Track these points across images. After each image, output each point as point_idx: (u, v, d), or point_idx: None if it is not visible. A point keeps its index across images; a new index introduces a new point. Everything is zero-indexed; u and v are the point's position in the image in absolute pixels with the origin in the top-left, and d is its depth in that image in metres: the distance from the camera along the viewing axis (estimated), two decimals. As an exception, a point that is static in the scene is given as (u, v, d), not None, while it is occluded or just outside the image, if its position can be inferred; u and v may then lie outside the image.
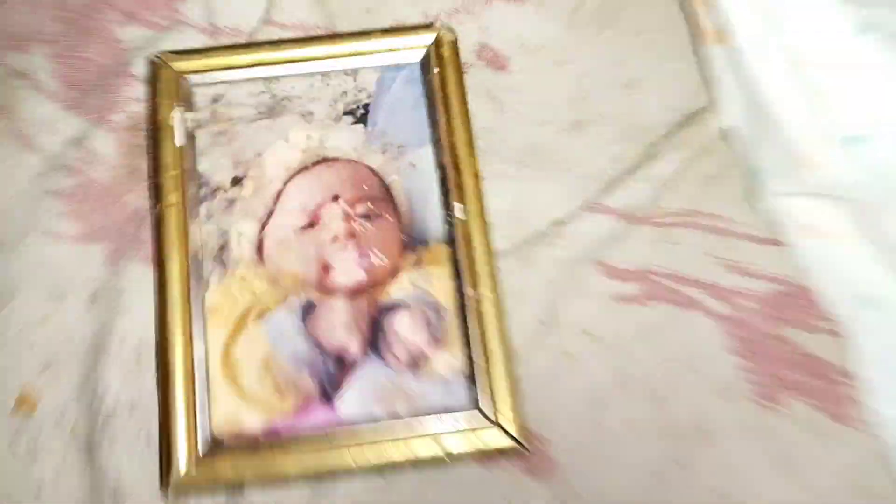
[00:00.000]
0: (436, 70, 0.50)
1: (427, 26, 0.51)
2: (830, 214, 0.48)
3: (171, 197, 0.48)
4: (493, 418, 0.44)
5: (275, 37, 0.53)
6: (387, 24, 0.53)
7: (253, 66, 0.51)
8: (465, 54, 0.53)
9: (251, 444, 0.45)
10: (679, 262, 0.50)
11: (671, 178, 0.51)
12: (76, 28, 0.54)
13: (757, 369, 0.47)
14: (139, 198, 0.50)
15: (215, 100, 0.51)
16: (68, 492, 0.45)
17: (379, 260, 0.48)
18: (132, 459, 0.46)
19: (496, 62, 0.54)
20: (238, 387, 0.46)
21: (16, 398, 0.47)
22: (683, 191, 0.52)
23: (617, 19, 0.55)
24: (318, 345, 0.47)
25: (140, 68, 0.53)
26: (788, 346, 0.48)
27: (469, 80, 0.52)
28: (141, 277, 0.48)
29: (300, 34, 0.53)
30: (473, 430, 0.44)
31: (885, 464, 0.45)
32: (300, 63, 0.51)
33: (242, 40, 0.53)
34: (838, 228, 0.48)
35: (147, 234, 0.49)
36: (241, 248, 0.49)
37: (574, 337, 0.48)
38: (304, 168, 0.50)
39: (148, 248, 0.49)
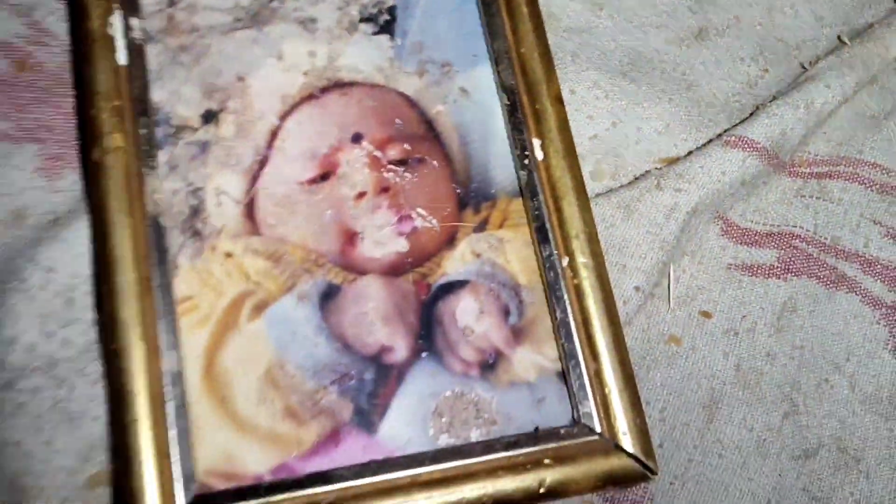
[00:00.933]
0: (491, -45, 0.36)
1: None
2: None
3: (114, 138, 0.32)
4: (605, 434, 0.31)
5: None
6: None
7: (226, -49, 0.36)
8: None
9: (255, 494, 0.30)
10: (830, 225, 0.39)
11: (826, 114, 0.39)
12: None
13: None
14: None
15: (172, 2, 0.36)
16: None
17: (426, 222, 0.34)
18: (42, 440, 0.32)
19: (597, -59, 0.41)
20: (230, 412, 0.32)
21: None
22: (841, 132, 0.40)
23: None
24: (346, 346, 0.33)
25: None
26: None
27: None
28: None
29: None
30: (583, 453, 0.31)
31: None
32: (294, -52, 0.36)
33: None
34: None
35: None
36: (224, 211, 0.34)
37: (684, 316, 0.37)
38: (308, 97, 0.36)
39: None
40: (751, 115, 0.38)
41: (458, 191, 0.35)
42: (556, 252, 0.33)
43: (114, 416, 0.30)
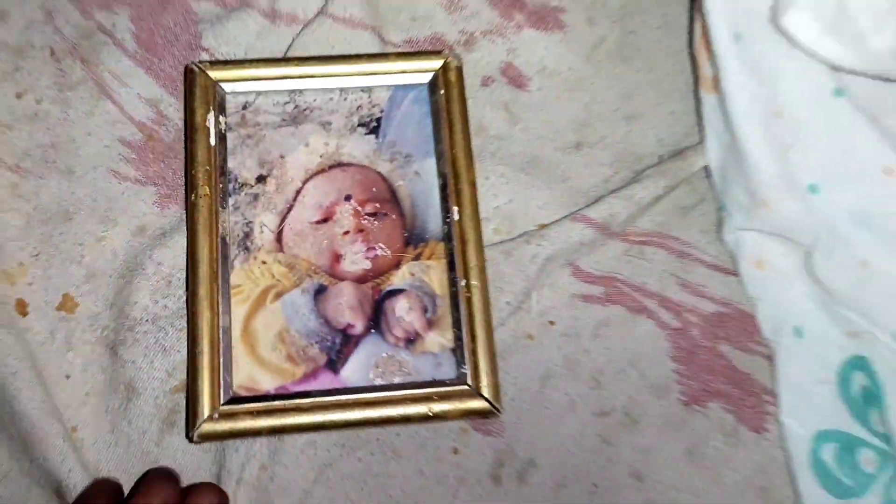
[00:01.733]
0: (442, 92, 0.55)
1: (437, 52, 0.57)
2: (779, 252, 0.51)
3: (204, 189, 0.53)
4: (473, 387, 0.50)
5: (324, 27, 0.57)
6: (428, 33, 0.59)
7: (280, 78, 0.56)
8: (491, 70, 0.58)
9: (265, 399, 0.49)
10: (642, 274, 0.53)
11: (650, 203, 0.54)
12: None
13: (689, 374, 0.51)
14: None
15: (245, 107, 0.57)
16: (92, 379, 0.51)
17: (383, 253, 0.54)
18: (148, 362, 0.51)
19: (518, 80, 0.58)
20: (256, 354, 0.51)
21: (60, 297, 0.52)
22: (659, 215, 0.55)
23: (632, 58, 0.59)
24: (327, 322, 0.53)
25: (210, 40, 0.57)
26: (722, 360, 0.52)
27: (490, 92, 0.57)
28: (183, 223, 0.54)
29: (347, 28, 0.57)
30: (458, 396, 0.50)
31: (784, 471, 0.50)
32: (322, 79, 0.56)
33: (297, 26, 0.58)
34: (783, 265, 0.51)
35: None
36: (263, 236, 0.54)
37: (537, 323, 0.53)
38: (321, 170, 0.55)
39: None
40: (595, 201, 0.53)
41: (406, 235, 0.55)
42: (459, 276, 0.52)
43: (189, 350, 0.48)
